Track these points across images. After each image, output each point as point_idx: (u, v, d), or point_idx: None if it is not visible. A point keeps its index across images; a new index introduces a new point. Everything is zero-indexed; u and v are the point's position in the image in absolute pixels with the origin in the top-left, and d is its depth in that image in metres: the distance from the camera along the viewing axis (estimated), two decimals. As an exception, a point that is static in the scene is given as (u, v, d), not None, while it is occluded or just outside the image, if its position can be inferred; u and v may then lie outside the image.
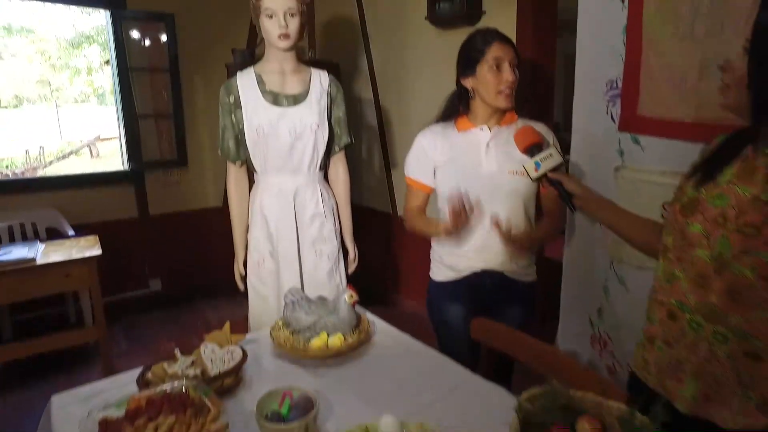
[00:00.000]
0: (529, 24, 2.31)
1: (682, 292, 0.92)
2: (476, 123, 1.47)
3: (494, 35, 1.42)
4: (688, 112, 1.47)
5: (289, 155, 1.61)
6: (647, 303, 1.04)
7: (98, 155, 10.42)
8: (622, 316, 1.72)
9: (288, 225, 1.63)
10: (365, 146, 3.40)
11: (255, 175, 1.69)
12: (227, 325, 1.17)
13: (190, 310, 3.39)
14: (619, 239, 1.33)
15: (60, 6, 3.26)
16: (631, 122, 1.61)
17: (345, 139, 1.74)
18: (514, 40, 2.31)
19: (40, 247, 2.33)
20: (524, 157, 1.25)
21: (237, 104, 1.61)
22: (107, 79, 12.03)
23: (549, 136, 1.48)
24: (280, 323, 1.29)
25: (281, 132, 1.58)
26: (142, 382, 1.03)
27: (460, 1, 2.49)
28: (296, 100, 1.63)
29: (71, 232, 2.84)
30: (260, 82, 1.61)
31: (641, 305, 1.66)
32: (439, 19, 2.64)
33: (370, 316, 1.38)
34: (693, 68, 1.44)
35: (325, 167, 1.75)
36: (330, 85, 1.69)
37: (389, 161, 3.19)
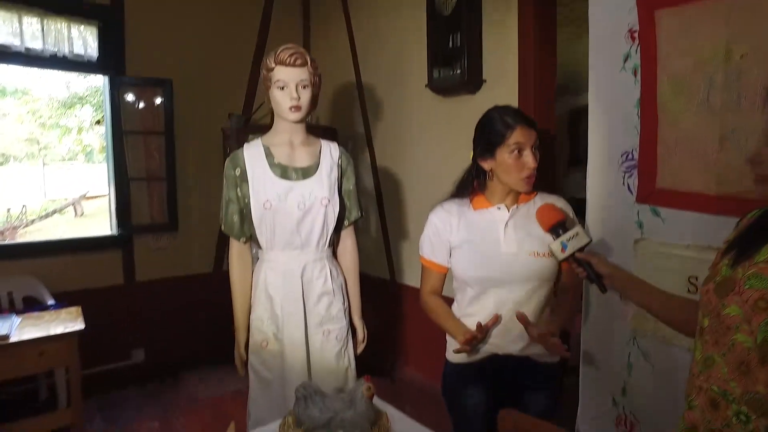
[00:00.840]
0: (531, 95, 2.33)
1: (723, 379, 0.85)
2: (493, 201, 1.42)
3: (517, 118, 1.36)
4: (709, 185, 1.44)
5: (297, 230, 1.52)
6: (686, 386, 0.95)
7: (83, 214, 10.24)
8: (650, 394, 1.62)
9: (295, 305, 1.52)
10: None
11: (260, 252, 1.58)
12: (232, 425, 1.03)
13: (174, 383, 3.16)
14: (641, 311, 1.25)
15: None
16: (651, 194, 1.58)
17: (355, 213, 1.67)
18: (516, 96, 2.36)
19: (16, 321, 2.16)
20: (546, 236, 1.22)
21: (243, 177, 1.53)
22: (96, 137, 12.09)
23: (568, 210, 1.45)
24: (290, 420, 1.15)
25: (290, 206, 1.50)
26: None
27: (460, 69, 2.51)
28: (306, 173, 1.56)
29: (51, 301, 2.67)
30: (268, 154, 1.55)
31: (669, 382, 1.56)
32: (439, 86, 2.66)
33: (391, 410, 1.25)
34: (712, 140, 1.43)
35: (333, 243, 1.66)
36: (341, 157, 1.63)
37: (387, 227, 3.12)
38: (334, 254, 1.69)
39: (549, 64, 2.34)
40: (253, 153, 1.55)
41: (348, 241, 1.69)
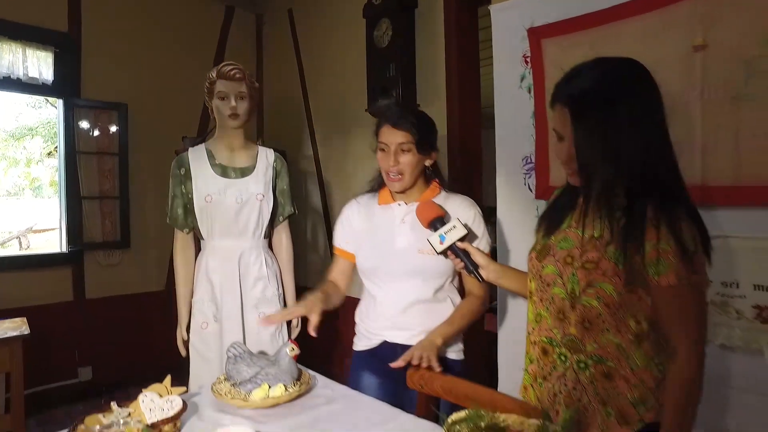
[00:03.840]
0: (457, 114, 2.62)
1: (549, 329, 1.07)
2: (396, 197, 1.47)
3: (385, 118, 1.41)
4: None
5: (235, 221, 1.70)
6: (525, 347, 1.16)
7: (28, 247, 9.86)
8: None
9: (232, 287, 1.68)
10: (310, 228, 3.52)
11: (201, 242, 1.75)
12: (168, 378, 1.17)
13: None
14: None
15: (6, 97, 3.34)
16: (546, 191, 1.85)
17: (288, 209, 1.86)
18: (445, 130, 2.64)
19: (-42, 328, 2.19)
20: (431, 233, 1.26)
21: (187, 176, 1.72)
22: (47, 170, 11.76)
23: (472, 209, 1.48)
24: (222, 377, 1.30)
25: (228, 199, 1.69)
26: (74, 434, 1.00)
27: (396, 95, 2.79)
28: (244, 172, 1.76)
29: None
30: (210, 156, 1.75)
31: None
32: (378, 111, 2.92)
33: (311, 372, 1.41)
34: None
35: (269, 237, 1.84)
36: (275, 160, 1.84)
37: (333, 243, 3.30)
38: (270, 247, 1.86)
39: (472, 87, 2.66)
40: (196, 155, 1.75)
41: (283, 234, 1.88)
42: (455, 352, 1.50)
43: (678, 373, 0.95)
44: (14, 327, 2.24)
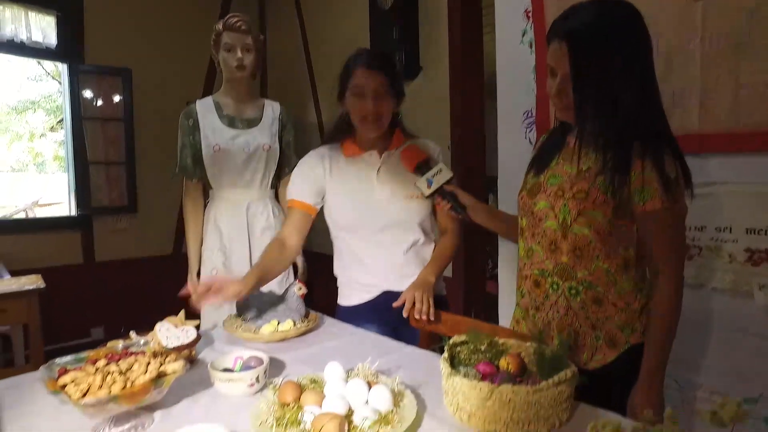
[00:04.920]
0: (459, 79, 2.62)
1: (540, 261, 1.13)
2: (363, 147, 1.43)
3: (360, 60, 1.36)
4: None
5: (242, 171, 1.75)
6: (516, 282, 1.23)
7: (35, 221, 9.96)
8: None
9: (240, 236, 1.74)
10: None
11: (210, 191, 1.80)
12: (182, 311, 1.23)
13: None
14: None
15: (8, 70, 3.35)
16: (542, 145, 1.87)
17: (294, 161, 1.90)
18: (448, 92, 2.66)
19: (-23, 283, 2.27)
20: (416, 177, 1.27)
21: (195, 127, 1.76)
22: (50, 145, 11.78)
23: (437, 148, 1.49)
24: (233, 315, 1.36)
25: (236, 150, 1.73)
26: (97, 357, 1.07)
27: (399, 58, 2.80)
28: (250, 123, 1.80)
29: (7, 277, 2.75)
30: (218, 107, 1.79)
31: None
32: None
33: (318, 313, 1.47)
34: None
35: (275, 188, 1.89)
36: (281, 113, 1.88)
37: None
38: (277, 198, 1.91)
39: (476, 48, 2.66)
40: (204, 106, 1.79)
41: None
42: (440, 290, 1.53)
43: (660, 295, 1.03)
44: (30, 282, 2.31)
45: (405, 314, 1.32)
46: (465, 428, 0.85)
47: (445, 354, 0.94)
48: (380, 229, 1.42)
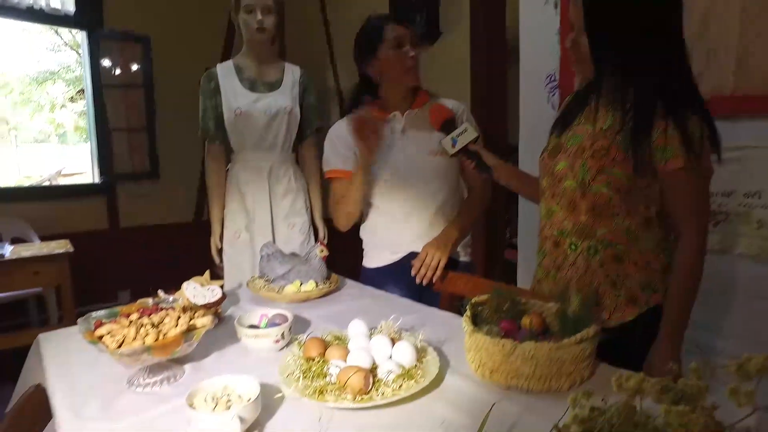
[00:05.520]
0: (481, 42, 2.56)
1: (560, 221, 1.13)
2: (387, 110, 1.45)
3: (384, 17, 1.43)
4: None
5: (264, 134, 1.76)
6: (538, 243, 1.22)
7: (59, 190, 10.17)
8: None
9: (262, 199, 1.76)
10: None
11: (232, 155, 1.82)
12: (207, 272, 1.26)
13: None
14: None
15: (27, 41, 3.36)
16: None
17: (316, 122, 1.90)
18: (469, 58, 2.60)
19: (8, 247, 2.35)
20: (441, 135, 1.28)
21: (217, 90, 1.76)
22: (70, 115, 11.91)
23: (461, 106, 1.49)
24: (256, 276, 1.39)
25: (257, 113, 1.74)
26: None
27: (419, 22, 2.73)
28: (271, 86, 1.80)
29: (38, 242, 2.84)
30: (238, 71, 1.78)
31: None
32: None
33: (339, 276, 1.49)
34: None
35: (296, 151, 1.89)
36: (302, 76, 1.86)
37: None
38: (298, 162, 1.92)
39: (498, 9, 2.57)
40: (225, 70, 1.79)
41: (311, 148, 1.93)
42: (465, 255, 1.55)
43: (681, 255, 1.02)
44: (60, 246, 2.39)
45: (413, 273, 1.37)
46: (487, 384, 0.86)
47: (468, 312, 0.95)
48: (405, 185, 1.43)
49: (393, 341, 0.90)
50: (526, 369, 0.83)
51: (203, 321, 0.90)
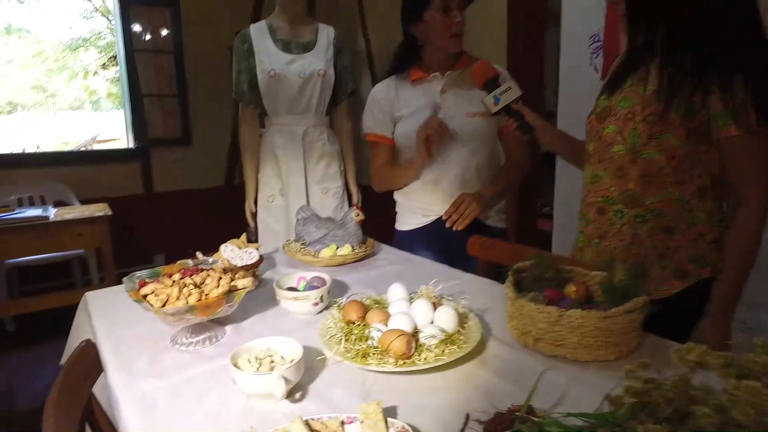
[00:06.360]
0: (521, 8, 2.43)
1: (606, 188, 1.07)
2: (429, 71, 1.43)
3: None
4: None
5: (298, 97, 1.73)
6: (580, 210, 1.17)
7: (95, 156, 10.44)
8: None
9: (296, 163, 1.75)
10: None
11: (266, 118, 1.80)
12: (243, 234, 1.27)
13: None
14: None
15: (59, 7, 3.36)
16: (612, 70, 1.75)
17: (351, 85, 1.86)
18: (506, 19, 2.47)
19: (52, 209, 2.42)
20: (482, 94, 1.25)
21: (250, 51, 1.73)
22: (103, 82, 12.09)
23: (501, 68, 1.44)
24: (291, 239, 1.39)
25: (291, 75, 1.71)
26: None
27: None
28: (305, 48, 1.76)
29: (78, 205, 2.93)
30: (272, 31, 1.75)
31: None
32: None
33: (374, 240, 1.48)
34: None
35: (330, 115, 1.87)
36: (336, 37, 1.81)
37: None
38: (332, 126, 1.90)
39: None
40: (258, 30, 1.75)
41: (344, 113, 1.90)
42: (499, 221, 1.53)
43: (739, 227, 0.97)
44: (99, 209, 2.46)
45: (444, 217, 1.37)
46: (530, 352, 0.85)
47: (510, 278, 0.93)
48: (443, 149, 1.40)
49: (434, 306, 0.88)
50: (572, 338, 0.80)
51: (244, 282, 0.90)
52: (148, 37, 3.32)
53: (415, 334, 0.82)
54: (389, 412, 0.66)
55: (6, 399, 2.14)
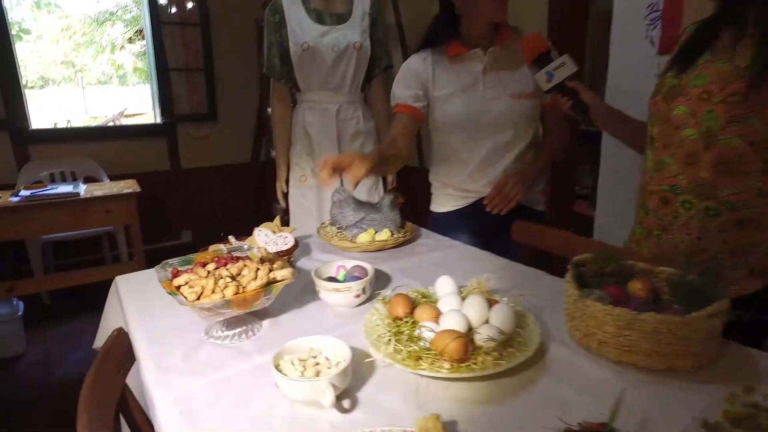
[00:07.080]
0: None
1: (672, 176, 0.97)
2: (469, 46, 1.33)
3: None
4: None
5: (332, 72, 1.64)
6: (639, 198, 1.07)
7: (124, 130, 10.57)
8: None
9: (330, 142, 1.68)
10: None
11: (297, 95, 1.72)
12: (277, 218, 1.21)
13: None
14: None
15: None
16: (673, 45, 1.60)
17: (385, 60, 1.76)
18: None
19: (83, 186, 2.41)
20: (529, 73, 1.17)
21: (282, 23, 1.64)
22: (130, 56, 12.13)
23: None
24: (327, 222, 1.33)
25: (325, 48, 1.62)
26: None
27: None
28: (340, 19, 1.66)
29: (107, 181, 2.92)
30: (304, 0, 1.64)
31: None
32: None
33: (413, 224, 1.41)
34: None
35: (365, 91, 1.78)
36: (372, 7, 1.71)
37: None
38: (366, 102, 1.81)
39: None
40: (290, 0, 1.65)
41: (379, 89, 1.80)
42: (538, 203, 1.47)
43: None
44: (128, 186, 2.43)
45: (486, 201, 1.32)
46: (593, 357, 0.77)
47: (570, 273, 0.85)
48: (485, 128, 1.34)
49: (490, 303, 0.81)
50: (646, 345, 0.72)
51: (283, 273, 0.84)
52: (173, 9, 3.25)
53: (469, 334, 0.75)
54: (450, 427, 0.60)
55: (43, 369, 2.19)
